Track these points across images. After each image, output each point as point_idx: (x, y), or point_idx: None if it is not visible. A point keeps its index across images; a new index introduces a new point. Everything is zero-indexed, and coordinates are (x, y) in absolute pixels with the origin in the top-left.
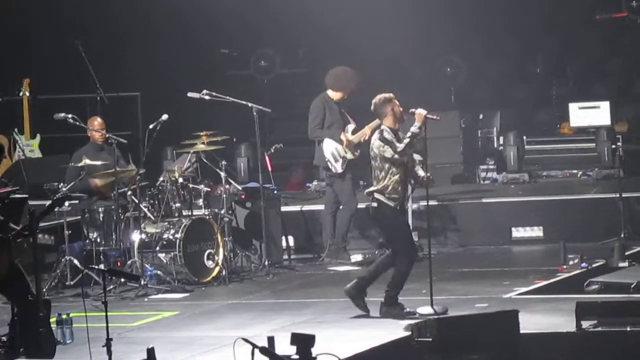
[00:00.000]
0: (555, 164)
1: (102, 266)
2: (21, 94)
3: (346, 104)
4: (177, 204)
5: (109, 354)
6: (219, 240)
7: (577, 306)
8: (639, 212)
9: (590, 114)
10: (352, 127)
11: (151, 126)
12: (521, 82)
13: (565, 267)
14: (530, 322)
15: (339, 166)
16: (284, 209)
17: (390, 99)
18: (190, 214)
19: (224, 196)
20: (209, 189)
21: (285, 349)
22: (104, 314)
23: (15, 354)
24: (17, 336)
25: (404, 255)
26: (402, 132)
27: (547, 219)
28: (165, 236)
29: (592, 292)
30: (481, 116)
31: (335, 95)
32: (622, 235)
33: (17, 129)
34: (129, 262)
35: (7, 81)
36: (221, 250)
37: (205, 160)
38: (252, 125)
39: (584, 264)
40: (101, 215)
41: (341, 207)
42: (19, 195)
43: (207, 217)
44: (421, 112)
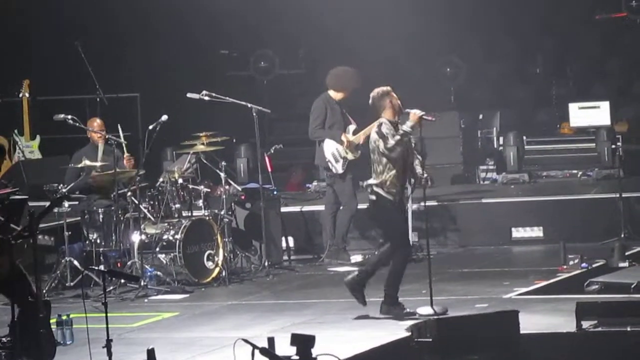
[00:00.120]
0: (555, 164)
1: (102, 267)
2: (21, 95)
3: (347, 104)
4: (177, 205)
5: (109, 355)
6: (218, 241)
7: (577, 306)
8: (639, 212)
9: (590, 114)
10: (353, 127)
11: (151, 127)
12: (521, 83)
13: (565, 267)
14: (530, 323)
15: (339, 167)
16: (284, 209)
17: (388, 91)
18: (190, 214)
19: (224, 197)
20: (209, 190)
21: (285, 349)
22: (104, 315)
23: (15, 356)
24: (17, 337)
25: (397, 251)
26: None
27: (547, 219)
28: (165, 237)
29: (592, 292)
30: (481, 116)
31: (336, 95)
32: (622, 235)
33: (16, 130)
34: (129, 263)
35: (6, 82)
36: (221, 251)
37: (205, 161)
38: (252, 126)
39: (584, 264)
40: (101, 216)
41: (341, 207)
42: (18, 196)
43: (207, 218)
44: (416, 112)
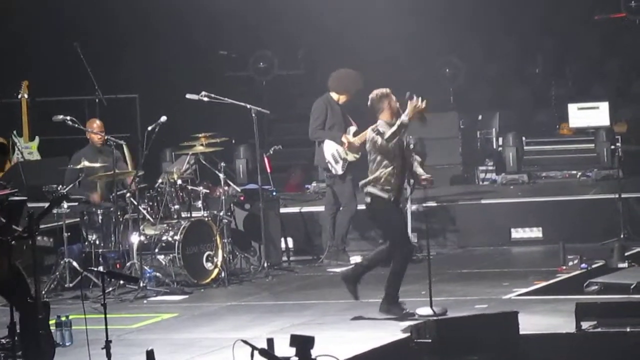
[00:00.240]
0: (554, 164)
1: (101, 268)
2: (20, 96)
3: (348, 105)
4: (176, 206)
5: (108, 356)
6: (218, 242)
7: (576, 307)
8: (638, 213)
9: (589, 115)
10: (353, 129)
11: (150, 128)
12: (520, 83)
13: (564, 267)
14: (529, 323)
15: (339, 168)
16: (283, 210)
17: (387, 94)
18: (189, 215)
19: (223, 198)
20: (208, 191)
21: (284, 350)
22: (103, 316)
23: (14, 357)
24: (16, 339)
25: (398, 251)
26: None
27: (546, 220)
28: (164, 238)
29: (592, 293)
30: (480, 117)
31: (338, 97)
32: (622, 235)
33: (15, 131)
34: (128, 264)
35: (5, 83)
36: (220, 252)
37: (204, 161)
38: (251, 126)
39: (584, 265)
40: (100, 217)
41: (341, 208)
42: (17, 197)
43: (206, 219)
44: (415, 103)
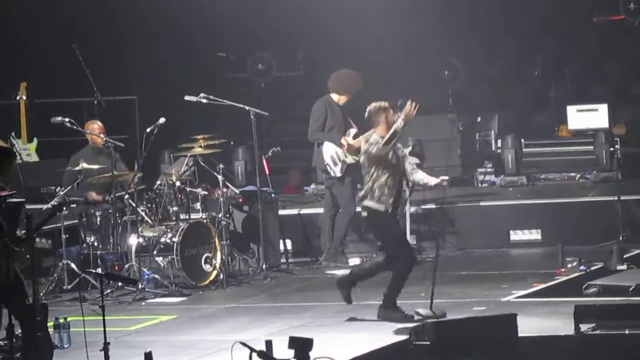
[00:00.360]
0: (553, 166)
1: (99, 270)
2: (18, 98)
3: (348, 107)
4: (175, 208)
5: (107, 358)
6: (216, 243)
7: (575, 309)
8: (637, 215)
9: (588, 117)
10: (354, 131)
11: (148, 130)
12: (519, 85)
13: (563, 270)
14: (528, 325)
15: (337, 170)
16: (282, 212)
17: (385, 107)
18: (187, 217)
19: (222, 200)
20: (207, 193)
21: (283, 352)
22: (102, 318)
23: (12, 359)
24: (14, 341)
25: (401, 258)
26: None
27: (545, 222)
28: (162, 240)
29: (591, 295)
30: (479, 119)
31: (339, 99)
32: (621, 238)
33: (14, 133)
34: (127, 266)
35: (4, 85)
36: (219, 253)
37: (202, 163)
38: (250, 128)
39: (583, 267)
40: (98, 219)
41: (340, 210)
42: (15, 199)
43: (205, 221)
44: (408, 110)
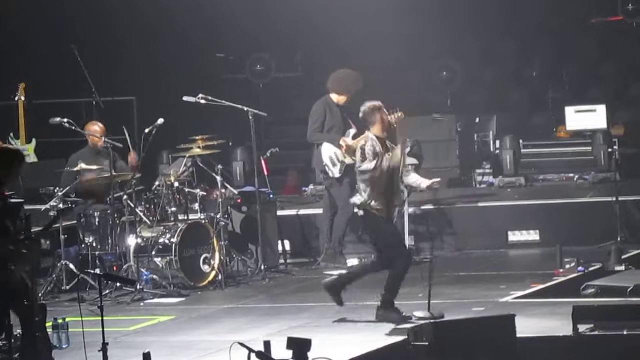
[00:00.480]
0: (551, 167)
1: (98, 271)
2: (17, 99)
3: (348, 108)
4: (173, 209)
5: (105, 358)
6: (215, 244)
7: (573, 310)
8: (635, 216)
9: (586, 118)
10: (353, 132)
11: (147, 130)
12: (517, 86)
13: (561, 270)
14: (527, 326)
15: (336, 171)
16: (280, 213)
17: (379, 107)
18: (186, 218)
19: (220, 200)
20: (205, 193)
21: (281, 353)
22: (100, 318)
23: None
24: (13, 342)
25: (398, 259)
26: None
27: (543, 223)
28: (161, 241)
29: (589, 296)
30: (477, 120)
31: (339, 99)
32: (619, 239)
33: (12, 134)
34: (125, 266)
35: (2, 86)
36: (217, 254)
37: (201, 164)
38: (248, 129)
39: (581, 268)
40: (97, 219)
41: (338, 211)
42: (14, 200)
43: (203, 222)
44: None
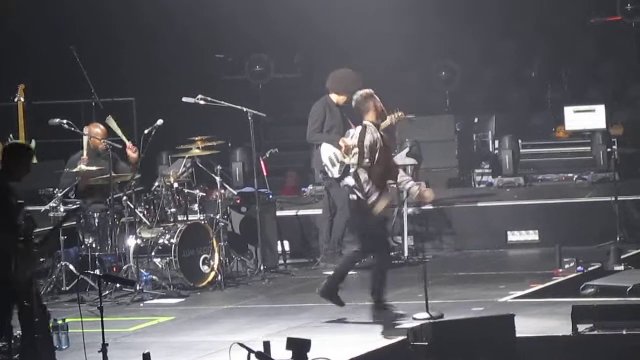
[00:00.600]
0: (550, 167)
1: (97, 272)
2: (16, 100)
3: (348, 108)
4: (173, 209)
5: (105, 359)
6: (214, 245)
7: (573, 310)
8: (634, 216)
9: (585, 118)
10: (353, 132)
11: (146, 131)
12: (516, 86)
13: (561, 270)
14: (526, 326)
15: (336, 171)
16: (280, 213)
17: (371, 94)
18: (185, 219)
19: (220, 201)
20: (205, 194)
21: (281, 354)
22: (100, 319)
23: None
24: (13, 343)
25: (377, 255)
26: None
27: (543, 223)
28: (160, 241)
29: (588, 296)
30: (476, 120)
31: (338, 99)
32: (618, 238)
33: (12, 135)
34: (125, 267)
35: (2, 87)
36: (217, 255)
37: (200, 165)
38: (248, 130)
39: (580, 268)
40: (97, 220)
41: (338, 211)
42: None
43: (203, 222)
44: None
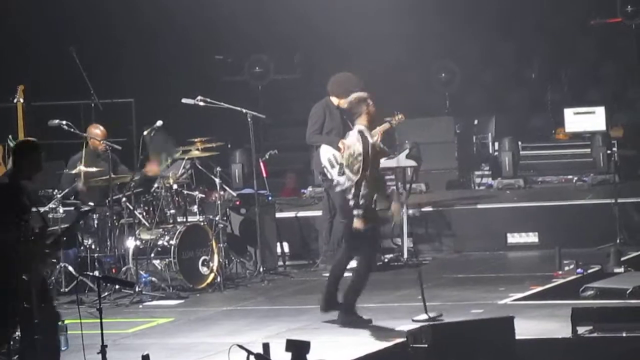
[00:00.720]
0: (550, 169)
1: (96, 273)
2: (15, 101)
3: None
4: (172, 211)
5: None
6: (213, 246)
7: (572, 312)
8: (634, 218)
9: (585, 120)
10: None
11: (145, 132)
12: (516, 88)
13: (560, 272)
14: (525, 328)
15: (335, 173)
16: (279, 215)
17: (365, 98)
18: (184, 220)
19: (219, 202)
20: (204, 196)
21: (280, 355)
22: (99, 320)
23: None
24: (12, 344)
25: (362, 256)
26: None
27: (542, 225)
28: (159, 243)
29: (588, 298)
30: (476, 122)
31: (339, 102)
32: (618, 240)
33: (11, 136)
34: (124, 268)
35: (1, 88)
36: (216, 256)
37: (199, 166)
38: (247, 131)
39: (580, 270)
40: (96, 221)
41: (337, 213)
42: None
43: (202, 224)
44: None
